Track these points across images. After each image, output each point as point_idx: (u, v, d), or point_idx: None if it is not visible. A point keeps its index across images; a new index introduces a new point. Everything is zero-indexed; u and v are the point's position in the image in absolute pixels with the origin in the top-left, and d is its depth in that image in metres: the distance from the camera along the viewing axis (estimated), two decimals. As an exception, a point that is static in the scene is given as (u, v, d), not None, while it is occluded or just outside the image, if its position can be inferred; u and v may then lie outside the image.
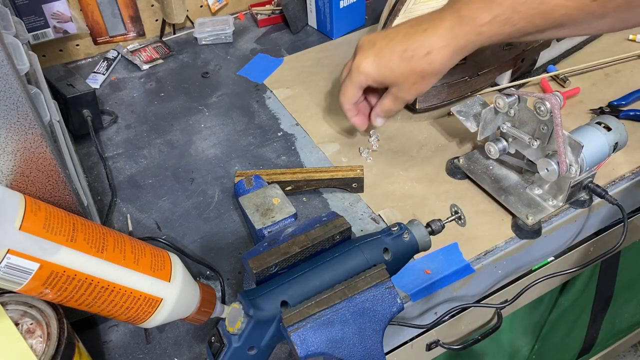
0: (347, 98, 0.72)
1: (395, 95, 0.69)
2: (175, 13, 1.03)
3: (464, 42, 0.63)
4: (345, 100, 0.73)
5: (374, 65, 0.67)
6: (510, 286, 0.77)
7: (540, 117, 0.64)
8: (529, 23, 0.60)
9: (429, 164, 0.79)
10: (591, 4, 0.56)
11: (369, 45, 0.68)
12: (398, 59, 0.65)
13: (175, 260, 0.51)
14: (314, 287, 0.50)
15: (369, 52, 0.67)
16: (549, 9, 0.58)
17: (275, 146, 0.84)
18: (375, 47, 0.67)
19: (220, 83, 0.97)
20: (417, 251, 0.56)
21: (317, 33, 1.08)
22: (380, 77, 0.68)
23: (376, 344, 0.49)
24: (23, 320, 0.50)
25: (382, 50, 0.66)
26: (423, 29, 0.64)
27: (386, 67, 0.66)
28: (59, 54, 1.01)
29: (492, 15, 0.60)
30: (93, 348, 0.61)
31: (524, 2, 0.58)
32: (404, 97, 0.69)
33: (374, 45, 0.67)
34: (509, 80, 0.90)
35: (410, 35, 0.65)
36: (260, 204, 0.64)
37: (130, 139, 0.87)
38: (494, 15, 0.60)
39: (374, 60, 0.67)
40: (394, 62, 0.65)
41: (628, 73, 0.91)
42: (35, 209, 0.43)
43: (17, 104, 0.44)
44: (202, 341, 0.62)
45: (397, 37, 0.65)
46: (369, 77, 0.68)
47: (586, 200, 0.72)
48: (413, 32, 0.64)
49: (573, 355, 1.29)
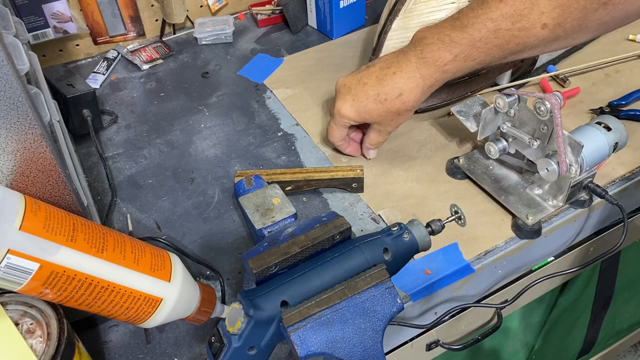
0: (336, 138, 0.77)
1: (378, 130, 0.75)
2: (175, 13, 1.03)
3: (431, 81, 0.67)
4: (334, 140, 0.78)
5: (352, 109, 0.72)
6: (510, 286, 0.77)
7: (540, 117, 0.64)
8: (488, 56, 0.65)
9: (429, 164, 0.79)
10: (542, 32, 0.61)
11: (345, 91, 0.72)
12: (373, 102, 0.70)
13: (175, 260, 0.51)
14: (314, 287, 0.50)
15: (347, 98, 0.72)
16: (504, 42, 0.63)
17: (275, 146, 0.84)
18: (351, 92, 0.71)
19: (220, 83, 0.97)
20: (417, 251, 0.56)
21: (317, 33, 1.08)
22: (361, 119, 0.73)
23: (376, 344, 0.49)
24: (23, 320, 0.50)
25: (357, 96, 0.71)
26: (392, 72, 0.68)
27: (364, 110, 0.71)
28: (59, 54, 1.01)
29: (453, 55, 0.65)
30: (93, 348, 0.61)
31: (479, 39, 0.63)
32: (385, 130, 0.74)
33: (350, 91, 0.72)
34: (509, 80, 0.90)
35: (381, 79, 0.69)
36: (260, 204, 0.64)
37: (130, 139, 0.87)
38: (455, 54, 0.65)
39: (352, 105, 0.71)
40: (370, 105, 0.70)
41: (628, 73, 0.91)
42: (35, 209, 0.43)
43: (17, 104, 0.44)
44: (202, 341, 0.62)
45: (370, 81, 0.70)
46: (351, 119, 0.73)
47: (586, 200, 0.72)
48: (383, 75, 0.69)
49: (573, 355, 1.29)
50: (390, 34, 0.80)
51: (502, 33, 0.62)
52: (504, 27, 0.62)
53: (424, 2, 0.78)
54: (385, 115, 0.71)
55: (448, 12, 0.76)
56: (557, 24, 0.60)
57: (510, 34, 0.62)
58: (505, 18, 0.61)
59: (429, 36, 0.66)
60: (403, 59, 0.68)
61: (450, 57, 0.65)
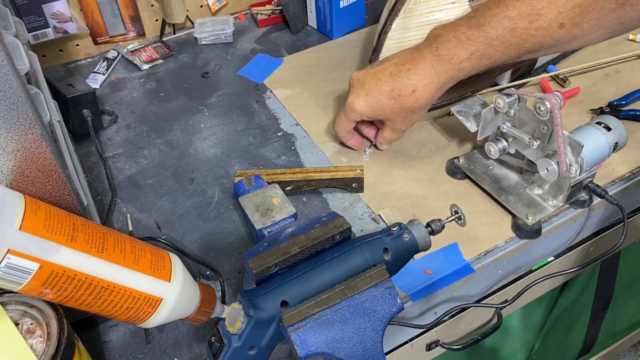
0: (341, 129, 0.77)
1: (391, 127, 0.75)
2: (175, 13, 1.03)
3: (445, 78, 0.67)
4: (339, 131, 0.78)
5: (366, 104, 0.71)
6: (510, 286, 0.77)
7: (540, 117, 0.64)
8: (504, 54, 0.64)
9: (429, 164, 0.79)
10: (559, 31, 0.61)
11: (359, 85, 0.72)
12: (387, 98, 0.69)
13: (175, 260, 0.51)
14: (314, 287, 0.50)
15: (360, 92, 0.71)
16: (521, 41, 0.62)
17: (275, 146, 0.84)
18: (365, 87, 0.71)
19: (220, 83, 0.97)
20: (417, 251, 0.56)
21: (317, 33, 1.08)
22: (374, 115, 0.73)
23: (376, 344, 0.49)
24: (23, 320, 0.50)
25: (371, 91, 0.70)
26: (407, 69, 0.68)
27: (377, 105, 0.71)
28: (59, 54, 1.01)
29: (469, 53, 0.64)
30: (93, 348, 0.61)
31: (496, 37, 0.63)
32: (399, 127, 0.74)
33: (364, 85, 0.71)
34: (509, 80, 0.90)
35: (395, 75, 0.69)
36: (260, 204, 0.64)
37: (130, 139, 0.87)
38: (471, 52, 0.64)
39: (366, 100, 0.71)
40: (383, 101, 0.70)
41: (628, 73, 0.91)
42: (35, 209, 0.43)
43: (17, 104, 0.44)
44: (202, 341, 0.62)
45: (384, 77, 0.69)
46: (363, 115, 0.73)
47: (586, 200, 0.72)
48: (398, 72, 0.68)
49: (573, 355, 1.29)
50: (391, 34, 0.80)
51: (518, 32, 0.62)
52: (520, 25, 0.61)
53: (424, 2, 0.78)
54: (399, 111, 0.70)
55: (448, 12, 0.76)
56: (574, 24, 0.60)
57: (527, 33, 0.61)
58: (523, 17, 0.61)
59: (445, 34, 0.66)
60: (418, 55, 0.68)
61: (466, 55, 0.64)
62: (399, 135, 0.76)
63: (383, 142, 0.78)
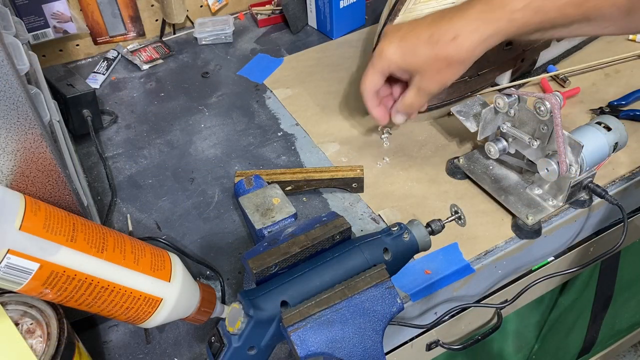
0: (368, 85, 0.69)
1: (418, 86, 0.66)
2: (175, 13, 1.03)
3: (493, 29, 0.60)
4: (365, 88, 0.69)
5: (398, 50, 0.64)
6: (510, 286, 0.77)
7: (540, 117, 0.64)
8: (560, 13, 0.58)
9: (429, 164, 0.79)
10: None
11: (394, 31, 0.66)
12: (424, 43, 0.63)
13: (175, 260, 0.51)
14: (314, 287, 0.50)
15: (393, 38, 0.65)
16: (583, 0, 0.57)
17: (275, 146, 0.84)
18: (400, 32, 0.65)
19: (220, 83, 0.97)
20: (417, 251, 0.56)
21: (317, 33, 1.08)
22: (404, 63, 0.65)
23: (376, 344, 0.49)
24: (23, 320, 0.50)
25: (407, 36, 0.64)
26: (450, 17, 0.62)
27: (411, 52, 0.64)
28: (59, 54, 1.01)
29: (525, 2, 0.58)
30: (93, 348, 0.61)
31: None
32: (427, 87, 0.66)
33: (399, 31, 0.65)
34: (509, 80, 0.90)
35: (437, 21, 0.63)
36: (260, 204, 0.64)
37: (130, 139, 0.87)
38: (527, 2, 0.58)
39: (399, 45, 0.64)
40: (419, 47, 0.63)
41: (628, 73, 0.91)
42: (35, 209, 0.43)
43: (17, 104, 0.44)
44: (202, 341, 0.62)
45: (424, 23, 0.64)
46: (392, 63, 0.66)
47: (586, 200, 0.72)
48: (440, 19, 0.63)
49: (573, 355, 1.29)
50: (390, 34, 0.79)
51: None
52: None
53: (424, 2, 0.78)
54: (434, 61, 0.63)
55: (448, 12, 0.76)
56: None
57: None
58: None
59: None
60: (465, 5, 0.62)
61: (522, 5, 0.58)
62: (422, 101, 0.68)
63: (402, 108, 0.70)
